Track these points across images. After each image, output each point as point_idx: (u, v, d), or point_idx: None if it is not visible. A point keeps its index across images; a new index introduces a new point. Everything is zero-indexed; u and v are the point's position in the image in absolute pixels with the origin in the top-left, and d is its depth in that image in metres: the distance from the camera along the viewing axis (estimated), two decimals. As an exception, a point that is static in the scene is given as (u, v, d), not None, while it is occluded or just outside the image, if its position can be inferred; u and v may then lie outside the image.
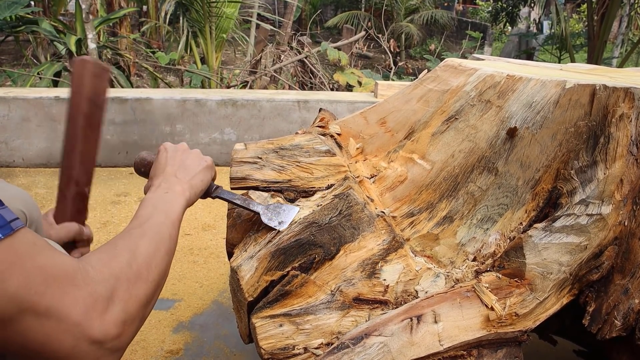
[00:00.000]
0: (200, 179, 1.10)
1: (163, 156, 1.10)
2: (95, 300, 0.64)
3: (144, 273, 0.76)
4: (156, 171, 1.08)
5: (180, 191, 1.01)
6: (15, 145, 3.96)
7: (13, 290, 0.57)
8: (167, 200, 0.96)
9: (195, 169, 1.09)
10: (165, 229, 0.88)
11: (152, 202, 0.95)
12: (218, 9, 6.22)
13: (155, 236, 0.84)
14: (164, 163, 1.08)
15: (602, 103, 1.14)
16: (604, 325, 1.16)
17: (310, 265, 1.16)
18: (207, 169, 1.13)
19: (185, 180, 1.05)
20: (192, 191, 1.05)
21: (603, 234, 1.14)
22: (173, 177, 1.04)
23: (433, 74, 1.52)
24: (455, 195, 1.28)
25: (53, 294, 0.60)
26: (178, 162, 1.09)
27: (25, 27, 5.76)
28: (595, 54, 7.32)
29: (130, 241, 0.80)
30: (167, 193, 0.98)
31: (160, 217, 0.90)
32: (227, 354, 2.06)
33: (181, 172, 1.07)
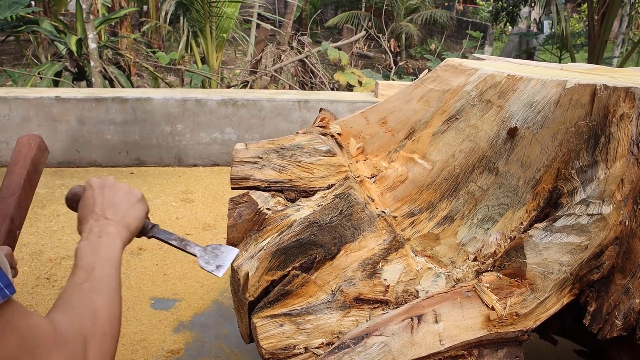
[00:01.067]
0: (133, 216, 1.02)
1: (89, 194, 1.02)
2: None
3: (108, 330, 0.76)
4: (84, 212, 1.01)
5: (114, 232, 0.95)
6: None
7: (10, 351, 0.57)
8: (104, 246, 0.91)
9: (125, 206, 1.02)
10: (113, 280, 0.85)
11: (89, 250, 0.90)
12: (218, 9, 6.22)
13: (106, 289, 0.82)
14: (92, 202, 1.00)
15: (603, 103, 1.14)
16: (604, 325, 1.16)
17: (310, 265, 1.16)
18: (139, 204, 1.05)
19: (117, 219, 0.98)
20: (127, 231, 0.99)
21: (604, 233, 1.14)
22: (103, 218, 0.97)
23: (434, 74, 1.52)
24: (455, 195, 1.28)
25: (41, 356, 0.61)
26: (107, 201, 1.01)
27: (26, 27, 5.76)
28: (596, 53, 7.31)
29: (85, 298, 0.78)
30: (101, 237, 0.93)
31: (104, 266, 0.86)
32: (228, 353, 2.06)
33: (111, 211, 0.99)
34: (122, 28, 8.63)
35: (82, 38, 5.35)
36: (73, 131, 4.02)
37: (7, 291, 0.58)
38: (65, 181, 3.79)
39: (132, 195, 1.05)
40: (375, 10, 12.60)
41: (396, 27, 11.42)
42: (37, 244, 2.85)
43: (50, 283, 2.50)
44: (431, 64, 8.05)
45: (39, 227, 3.06)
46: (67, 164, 4.07)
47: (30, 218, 3.17)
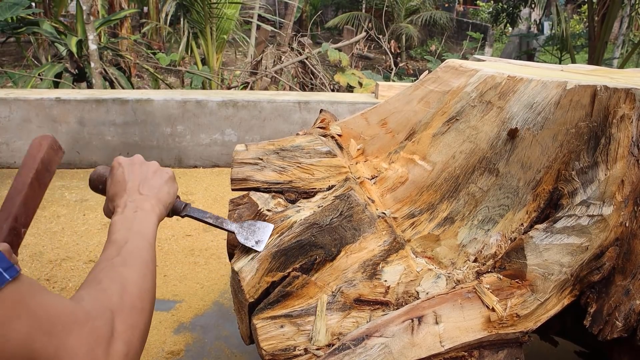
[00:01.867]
0: (166, 191, 1.02)
1: (119, 172, 1.00)
2: (97, 337, 0.62)
3: (137, 303, 0.73)
4: (116, 189, 0.99)
5: (149, 208, 0.94)
6: (16, 146, 3.96)
7: (25, 331, 0.55)
8: (139, 221, 0.90)
9: (158, 182, 1.01)
10: (145, 253, 0.83)
11: (123, 224, 0.88)
12: (219, 10, 6.22)
13: (137, 262, 0.80)
14: (123, 179, 0.99)
15: (603, 104, 1.14)
16: (605, 326, 1.16)
17: (311, 267, 1.16)
18: (171, 181, 1.06)
19: (152, 195, 0.97)
20: (161, 206, 0.98)
21: (604, 235, 1.14)
22: (137, 194, 0.96)
23: (434, 75, 1.52)
24: (456, 196, 1.28)
25: (59, 334, 0.58)
26: (139, 177, 1.00)
27: (26, 29, 5.77)
28: (596, 54, 7.31)
29: (114, 272, 0.76)
30: (136, 212, 0.91)
31: (137, 240, 0.85)
32: (228, 354, 2.06)
33: (145, 187, 0.98)
34: (123, 29, 8.63)
35: (82, 39, 5.36)
36: (73, 132, 4.02)
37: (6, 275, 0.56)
38: (65, 182, 3.80)
39: (164, 172, 1.05)
40: (376, 11, 12.61)
41: (396, 28, 11.43)
42: (38, 245, 2.85)
43: (50, 284, 2.50)
44: (431, 65, 8.05)
45: (39, 228, 3.06)
46: (67, 165, 4.08)
47: (30, 219, 3.17)
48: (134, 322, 0.70)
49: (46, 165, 1.09)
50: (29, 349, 0.55)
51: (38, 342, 0.56)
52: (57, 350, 0.57)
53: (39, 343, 0.56)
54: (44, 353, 0.56)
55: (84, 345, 0.60)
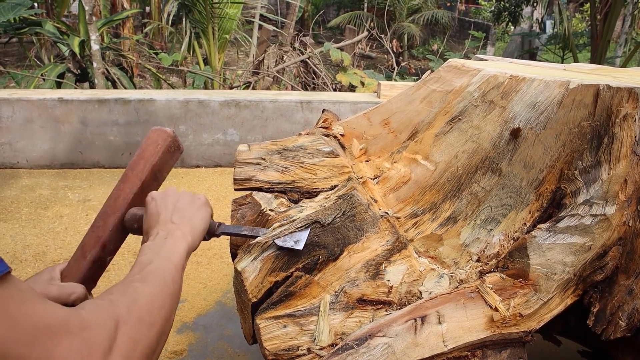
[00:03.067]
0: (199, 218, 1.02)
1: (153, 206, 1.00)
2: (91, 347, 0.58)
3: (146, 317, 0.69)
4: (150, 222, 0.98)
5: (180, 236, 0.93)
6: (19, 146, 3.97)
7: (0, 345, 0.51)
8: (168, 246, 0.89)
9: (191, 210, 1.02)
10: (167, 273, 0.82)
11: (152, 248, 0.88)
12: (221, 10, 6.23)
13: (156, 279, 0.78)
14: (156, 212, 0.99)
15: (606, 103, 1.14)
16: (608, 326, 1.16)
17: (314, 266, 1.16)
18: (204, 207, 1.05)
19: (184, 223, 0.97)
20: (194, 234, 0.98)
21: (607, 234, 1.14)
22: (170, 223, 0.96)
23: (436, 75, 1.51)
24: (458, 196, 1.28)
25: (44, 345, 0.54)
26: (171, 207, 1.00)
27: (29, 29, 5.78)
28: (599, 53, 7.30)
29: (129, 287, 0.74)
30: (166, 239, 0.91)
31: (161, 262, 0.84)
32: (231, 354, 2.06)
33: (177, 216, 0.98)
34: (125, 29, 8.65)
35: (84, 39, 5.37)
36: (76, 132, 4.03)
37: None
38: (68, 182, 3.80)
39: (196, 199, 1.05)
40: (378, 11, 12.60)
41: (398, 28, 11.42)
42: (41, 245, 2.86)
43: (53, 284, 2.50)
44: (433, 64, 8.04)
45: (42, 228, 3.07)
46: (70, 165, 4.09)
47: (34, 219, 3.18)
48: (139, 335, 0.66)
49: (156, 173, 0.99)
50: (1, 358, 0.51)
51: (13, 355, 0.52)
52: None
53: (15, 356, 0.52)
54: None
55: (73, 355, 0.56)
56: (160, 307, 0.74)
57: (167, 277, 0.81)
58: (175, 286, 0.82)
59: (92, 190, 3.69)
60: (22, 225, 3.10)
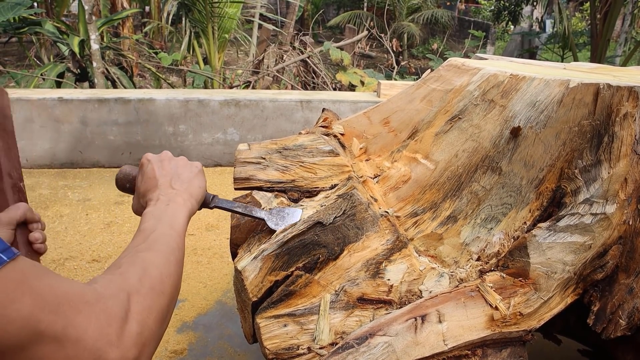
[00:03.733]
0: (197, 185, 1.03)
1: (149, 168, 1.01)
2: (109, 317, 0.60)
3: (157, 285, 0.72)
4: (147, 186, 0.99)
5: (181, 202, 0.95)
6: (19, 146, 3.96)
7: (27, 311, 0.53)
8: (170, 213, 0.91)
9: (189, 176, 1.03)
10: (172, 240, 0.83)
11: (154, 215, 0.89)
12: (220, 9, 6.23)
13: (162, 247, 0.80)
14: (154, 176, 1.00)
15: (606, 102, 1.14)
16: (608, 325, 1.16)
17: (314, 266, 1.16)
18: (200, 174, 1.06)
19: (183, 189, 0.99)
20: (193, 200, 0.99)
21: (607, 233, 1.14)
22: (169, 188, 0.97)
23: (436, 74, 1.51)
24: (459, 195, 1.28)
25: (66, 313, 0.56)
26: (169, 172, 1.01)
27: (29, 28, 5.78)
28: (598, 52, 7.30)
29: (136, 257, 0.76)
30: (168, 205, 0.92)
31: (165, 228, 0.85)
32: (231, 353, 2.06)
33: (176, 182, 1.00)
34: (124, 29, 8.65)
35: (84, 39, 5.36)
36: (76, 132, 4.03)
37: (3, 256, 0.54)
38: (68, 182, 3.80)
39: (193, 166, 1.06)
40: (377, 10, 12.60)
41: (398, 27, 11.41)
42: (41, 245, 2.86)
43: (53, 284, 2.50)
44: (433, 63, 8.04)
45: (43, 228, 3.06)
46: (70, 164, 4.08)
47: (33, 219, 3.18)
48: (151, 303, 0.68)
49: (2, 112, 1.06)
50: (33, 329, 0.54)
51: (44, 322, 0.54)
52: (64, 328, 0.56)
53: (45, 322, 0.54)
54: (50, 332, 0.55)
55: (94, 323, 0.59)
56: (169, 274, 0.76)
57: (172, 244, 0.83)
58: (180, 253, 0.84)
59: (92, 189, 3.69)
60: (22, 224, 3.10)
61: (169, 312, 0.74)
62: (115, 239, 2.98)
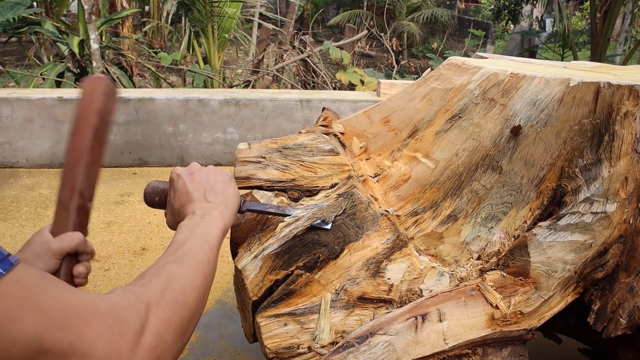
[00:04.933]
0: (231, 194, 1.01)
1: (180, 184, 1.00)
2: (122, 328, 0.57)
3: (180, 297, 0.69)
4: (182, 201, 0.98)
5: (217, 215, 0.93)
6: (18, 145, 3.97)
7: (31, 330, 0.50)
8: (204, 225, 0.88)
9: (221, 187, 1.00)
10: (202, 253, 0.81)
11: (188, 227, 0.87)
12: (220, 9, 6.22)
13: (191, 260, 0.78)
14: (186, 191, 0.98)
15: (607, 101, 1.14)
16: (609, 324, 1.16)
17: (314, 265, 1.16)
18: (232, 182, 1.04)
19: (219, 201, 0.97)
20: (229, 212, 0.97)
21: (608, 232, 1.14)
22: (204, 202, 0.96)
23: (436, 73, 1.51)
24: (459, 194, 1.28)
25: (75, 327, 0.53)
26: (202, 185, 0.99)
27: (28, 28, 5.77)
28: (599, 51, 7.30)
29: (162, 268, 0.73)
30: (203, 218, 0.90)
31: (197, 241, 0.83)
32: (232, 353, 2.06)
33: (210, 194, 0.98)
34: (124, 28, 8.64)
35: (84, 39, 5.36)
36: (76, 132, 4.02)
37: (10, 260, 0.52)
38: (68, 182, 3.80)
39: (224, 174, 1.04)
40: (377, 9, 12.60)
41: (398, 26, 11.40)
42: (41, 245, 2.86)
43: (54, 283, 2.50)
44: (433, 62, 8.04)
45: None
46: (70, 164, 4.08)
47: (34, 219, 3.18)
48: (171, 315, 0.65)
49: (103, 117, 0.98)
50: (38, 348, 0.51)
51: (49, 340, 0.51)
52: (71, 345, 0.53)
53: (51, 340, 0.52)
54: (56, 349, 0.52)
55: (104, 335, 0.55)
56: (194, 287, 0.73)
57: (201, 257, 0.80)
58: (210, 266, 0.81)
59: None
60: (22, 224, 3.10)
61: (190, 326, 0.71)
62: (115, 238, 2.98)
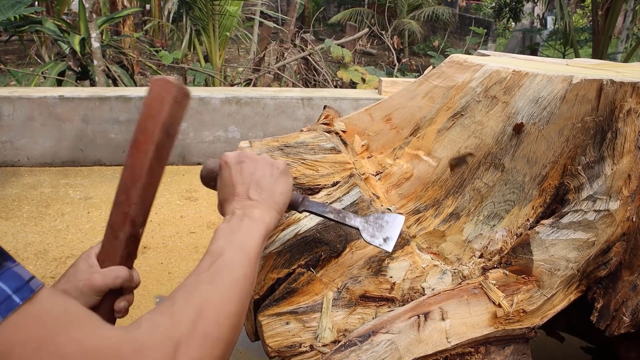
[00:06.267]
0: (279, 192, 0.91)
1: (227, 174, 0.92)
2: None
3: (213, 331, 0.63)
4: (225, 194, 0.90)
5: (258, 216, 0.84)
6: (20, 144, 3.97)
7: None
8: (244, 231, 0.81)
9: (270, 182, 0.91)
10: (239, 268, 0.74)
11: (225, 233, 0.80)
12: (221, 7, 6.22)
13: (227, 280, 0.71)
14: (231, 183, 0.90)
15: (609, 98, 1.13)
16: (612, 322, 1.15)
17: (316, 263, 1.16)
18: (284, 177, 0.94)
19: (262, 199, 0.88)
20: (273, 213, 0.88)
21: (611, 230, 1.14)
22: (246, 199, 0.87)
23: (438, 70, 1.51)
24: (461, 192, 1.28)
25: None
26: (248, 178, 0.90)
27: (29, 27, 5.77)
28: (600, 49, 7.27)
29: (195, 291, 0.67)
30: (242, 221, 0.83)
31: (235, 253, 0.76)
32: (233, 351, 2.06)
33: (254, 190, 0.89)
34: (125, 27, 8.63)
35: (85, 37, 5.36)
36: (77, 130, 4.03)
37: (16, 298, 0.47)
38: (69, 180, 3.80)
39: (275, 167, 0.94)
40: (378, 7, 12.58)
41: (399, 24, 11.38)
42: (42, 243, 2.86)
43: (55, 282, 2.50)
44: (434, 60, 8.02)
45: (44, 226, 3.07)
46: (71, 163, 4.08)
47: (34, 217, 3.18)
48: (202, 354, 0.60)
49: (169, 130, 0.86)
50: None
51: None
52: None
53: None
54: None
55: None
56: (228, 315, 0.67)
57: (238, 274, 0.73)
58: (247, 282, 0.75)
59: (94, 188, 3.68)
60: (23, 223, 3.10)
61: (225, 356, 0.65)
62: (117, 237, 2.97)
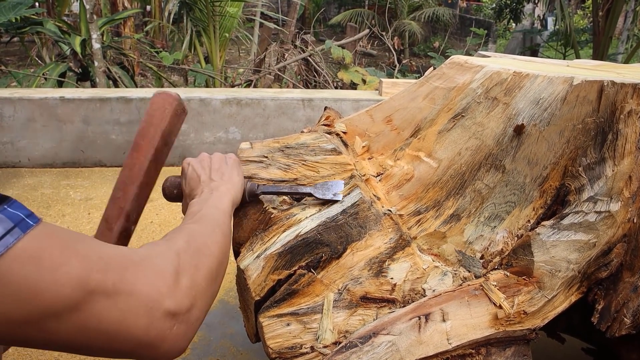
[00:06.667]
0: (236, 173, 1.10)
1: (190, 170, 1.09)
2: (158, 272, 0.62)
3: (203, 248, 0.75)
4: (191, 185, 1.06)
5: (224, 190, 1.01)
6: (21, 145, 3.97)
7: (76, 273, 0.54)
8: (214, 198, 0.97)
9: (227, 169, 1.10)
10: (217, 216, 0.89)
11: (199, 202, 0.94)
12: (222, 8, 6.22)
13: (208, 221, 0.85)
14: (195, 175, 1.07)
15: (610, 99, 1.13)
16: (613, 323, 1.15)
17: (317, 264, 1.16)
18: (236, 164, 1.13)
19: (224, 180, 1.05)
20: (235, 189, 1.06)
21: (612, 231, 1.14)
22: (211, 181, 1.04)
23: (439, 72, 1.51)
24: (462, 193, 1.28)
25: (114, 270, 0.58)
26: (208, 168, 1.08)
27: (30, 28, 5.77)
28: (601, 50, 7.27)
29: (183, 228, 0.80)
30: (211, 194, 0.98)
31: (211, 209, 0.91)
32: (234, 352, 2.06)
33: (216, 175, 1.06)
34: (126, 28, 8.64)
35: (85, 38, 5.36)
36: (78, 131, 4.03)
37: (29, 220, 0.53)
38: (70, 181, 3.80)
39: (228, 158, 1.14)
40: (379, 8, 12.59)
41: (399, 25, 11.39)
42: (43, 244, 2.86)
43: (56, 283, 2.50)
44: (435, 61, 8.03)
45: (45, 227, 3.06)
46: (72, 164, 4.09)
47: (35, 218, 3.18)
48: (198, 262, 0.71)
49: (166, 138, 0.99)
50: (84, 289, 0.55)
51: (93, 281, 0.55)
52: (115, 284, 0.57)
53: (95, 281, 0.55)
54: (101, 289, 0.56)
55: (143, 278, 0.60)
56: (215, 241, 0.80)
57: (218, 219, 0.89)
58: (226, 227, 0.89)
59: (94, 189, 3.69)
60: (24, 224, 3.10)
61: (218, 274, 0.77)
62: (118, 238, 2.98)
